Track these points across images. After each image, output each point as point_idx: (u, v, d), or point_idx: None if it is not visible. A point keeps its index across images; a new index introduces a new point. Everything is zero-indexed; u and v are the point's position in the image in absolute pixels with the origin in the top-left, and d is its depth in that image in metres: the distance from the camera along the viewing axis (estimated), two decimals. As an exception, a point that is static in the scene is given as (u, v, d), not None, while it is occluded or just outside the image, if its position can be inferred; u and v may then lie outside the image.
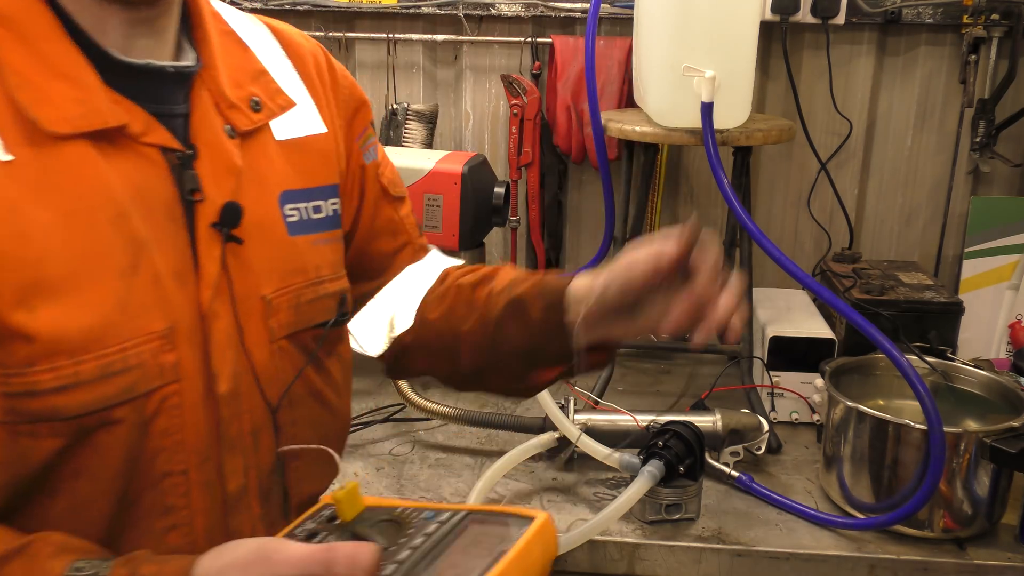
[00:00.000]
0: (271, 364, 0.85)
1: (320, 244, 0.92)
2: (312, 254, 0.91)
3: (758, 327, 1.62)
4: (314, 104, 0.95)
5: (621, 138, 1.56)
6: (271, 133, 0.89)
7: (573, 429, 1.35)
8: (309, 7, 1.90)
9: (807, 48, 1.90)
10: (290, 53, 0.96)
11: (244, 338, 0.83)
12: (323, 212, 0.93)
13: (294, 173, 0.90)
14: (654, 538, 1.24)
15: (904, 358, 1.19)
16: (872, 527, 1.25)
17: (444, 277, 1.08)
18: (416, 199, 1.59)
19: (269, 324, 0.85)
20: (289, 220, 0.89)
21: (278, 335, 0.86)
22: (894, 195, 1.97)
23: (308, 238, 0.91)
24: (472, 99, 1.99)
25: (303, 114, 0.93)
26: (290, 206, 0.89)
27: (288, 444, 0.88)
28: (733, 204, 1.36)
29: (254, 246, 0.84)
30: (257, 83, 0.89)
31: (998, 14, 1.76)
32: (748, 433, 1.40)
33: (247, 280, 0.83)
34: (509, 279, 1.02)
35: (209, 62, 0.85)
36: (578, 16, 1.88)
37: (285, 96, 0.91)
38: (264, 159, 0.88)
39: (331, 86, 0.98)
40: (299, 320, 0.88)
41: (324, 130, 0.95)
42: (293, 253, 0.88)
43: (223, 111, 0.85)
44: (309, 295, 0.89)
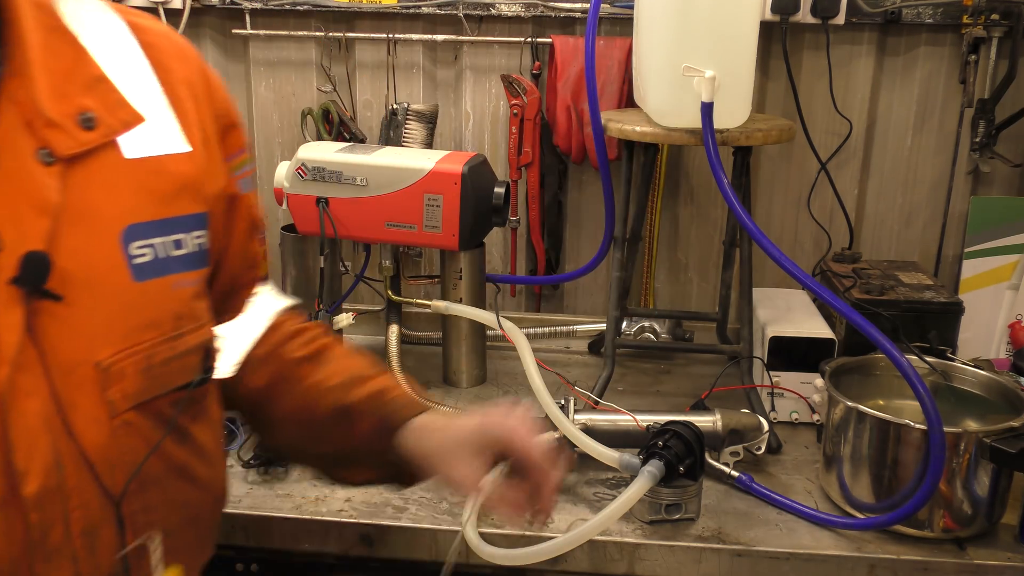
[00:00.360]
0: (112, 445, 0.71)
1: (181, 287, 0.76)
2: (170, 301, 0.75)
3: (758, 327, 1.62)
4: (176, 118, 0.79)
5: (621, 138, 1.56)
6: (117, 152, 0.73)
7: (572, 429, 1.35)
8: (309, 7, 1.90)
9: (807, 48, 1.90)
10: (152, 56, 0.80)
11: (69, 418, 0.68)
12: (185, 247, 0.77)
13: (147, 201, 0.74)
14: (654, 538, 1.24)
15: (904, 358, 1.19)
16: (872, 527, 1.25)
17: (271, 330, 0.96)
18: (416, 199, 1.59)
19: (108, 396, 0.70)
20: (136, 262, 0.73)
21: (122, 408, 0.71)
22: (894, 195, 1.97)
23: (164, 281, 0.75)
24: (472, 99, 1.99)
25: (159, 130, 0.77)
26: (139, 244, 0.73)
27: (140, 536, 0.74)
28: (733, 204, 1.36)
29: (83, 300, 0.69)
30: (92, 93, 0.73)
31: (998, 14, 1.76)
32: (748, 433, 1.40)
33: (71, 345, 0.68)
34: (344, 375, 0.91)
35: (20, 68, 0.69)
36: (578, 16, 1.88)
37: (130, 109, 0.75)
38: (101, 188, 0.72)
39: (205, 98, 0.83)
40: (151, 386, 0.74)
41: (187, 149, 0.79)
42: (142, 303, 0.73)
43: (37, 131, 0.68)
44: (165, 353, 0.74)
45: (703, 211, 2.01)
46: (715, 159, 1.37)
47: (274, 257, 1.84)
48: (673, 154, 1.98)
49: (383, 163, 1.60)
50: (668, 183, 1.99)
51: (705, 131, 1.38)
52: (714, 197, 1.99)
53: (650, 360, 1.89)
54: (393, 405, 0.90)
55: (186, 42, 0.86)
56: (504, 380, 1.77)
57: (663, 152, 1.95)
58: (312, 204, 1.62)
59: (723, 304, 1.78)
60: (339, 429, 0.90)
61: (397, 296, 1.74)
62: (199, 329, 0.79)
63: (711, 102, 1.37)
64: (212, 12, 1.96)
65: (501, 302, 2.03)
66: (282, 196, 1.64)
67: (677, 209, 2.02)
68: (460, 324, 1.71)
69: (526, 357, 1.44)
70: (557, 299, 2.11)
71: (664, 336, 1.88)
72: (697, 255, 2.05)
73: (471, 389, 1.73)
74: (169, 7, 1.91)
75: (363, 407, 0.89)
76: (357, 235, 1.64)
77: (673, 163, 1.99)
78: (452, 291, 1.69)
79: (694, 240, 2.04)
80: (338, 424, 0.89)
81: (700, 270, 2.06)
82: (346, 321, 1.66)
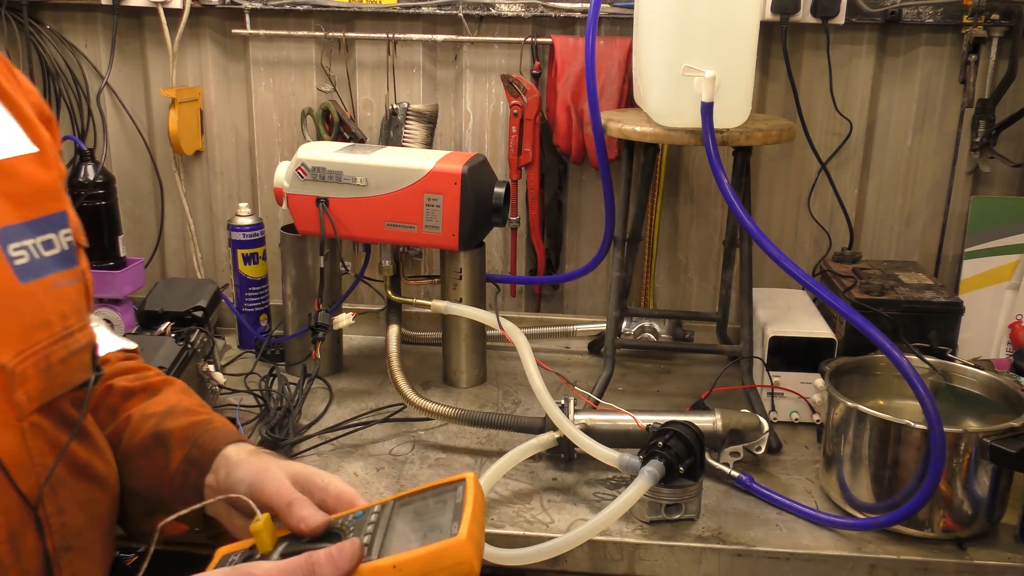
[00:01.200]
0: (23, 449, 0.70)
1: (62, 286, 0.76)
2: (54, 300, 0.75)
3: (758, 327, 1.62)
4: (14, 120, 0.78)
5: (621, 138, 1.56)
6: None
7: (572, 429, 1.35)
8: (309, 7, 1.90)
9: (807, 48, 1.90)
10: None
11: None
12: (56, 247, 0.76)
13: (10, 204, 0.73)
14: (654, 538, 1.24)
15: (904, 358, 1.19)
16: (872, 527, 1.25)
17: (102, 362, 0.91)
18: (416, 199, 1.59)
19: (16, 398, 0.70)
20: (17, 263, 0.72)
21: (29, 409, 0.71)
22: (894, 195, 1.97)
23: (46, 282, 0.74)
24: (472, 99, 1.99)
25: (3, 133, 0.76)
26: (14, 245, 0.72)
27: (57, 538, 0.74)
28: (733, 204, 1.36)
29: None
30: None
31: (998, 14, 1.76)
32: (748, 433, 1.40)
33: None
34: (166, 406, 0.87)
35: None
36: (578, 16, 1.89)
37: None
38: None
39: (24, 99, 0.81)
40: (52, 385, 0.73)
41: (34, 149, 0.78)
42: (31, 304, 0.72)
43: None
44: (60, 352, 0.74)
45: (703, 211, 2.01)
46: (715, 159, 1.37)
47: (274, 257, 1.84)
48: (673, 154, 1.98)
49: (383, 163, 1.60)
50: (668, 183, 1.99)
51: (705, 131, 1.38)
52: (714, 197, 1.99)
53: (650, 360, 1.89)
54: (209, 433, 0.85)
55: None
56: (504, 380, 1.77)
57: (663, 152, 1.95)
58: (312, 204, 1.62)
59: (723, 304, 1.78)
60: (154, 458, 0.84)
61: (397, 296, 1.74)
62: (85, 327, 0.79)
63: (711, 102, 1.37)
64: (212, 12, 1.96)
65: (501, 302, 2.03)
66: (282, 196, 1.64)
67: (677, 209, 2.02)
68: (460, 324, 1.71)
69: (526, 357, 1.44)
70: (557, 299, 2.11)
71: (664, 336, 1.88)
72: (697, 255, 2.05)
73: (471, 389, 1.73)
74: (169, 7, 1.91)
75: (180, 435, 0.84)
76: (357, 235, 1.64)
77: (673, 163, 1.99)
78: (452, 291, 1.69)
79: (694, 240, 2.04)
80: (153, 452, 0.84)
81: (700, 270, 2.06)
82: (346, 321, 1.66)
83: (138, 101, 2.05)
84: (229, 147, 2.07)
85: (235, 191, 2.09)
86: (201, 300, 1.73)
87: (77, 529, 0.77)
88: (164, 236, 2.12)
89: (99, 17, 1.99)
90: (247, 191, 2.09)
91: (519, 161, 1.94)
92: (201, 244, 2.12)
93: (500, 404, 1.66)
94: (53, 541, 0.74)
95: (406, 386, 1.54)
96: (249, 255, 1.84)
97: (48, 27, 1.99)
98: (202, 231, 2.12)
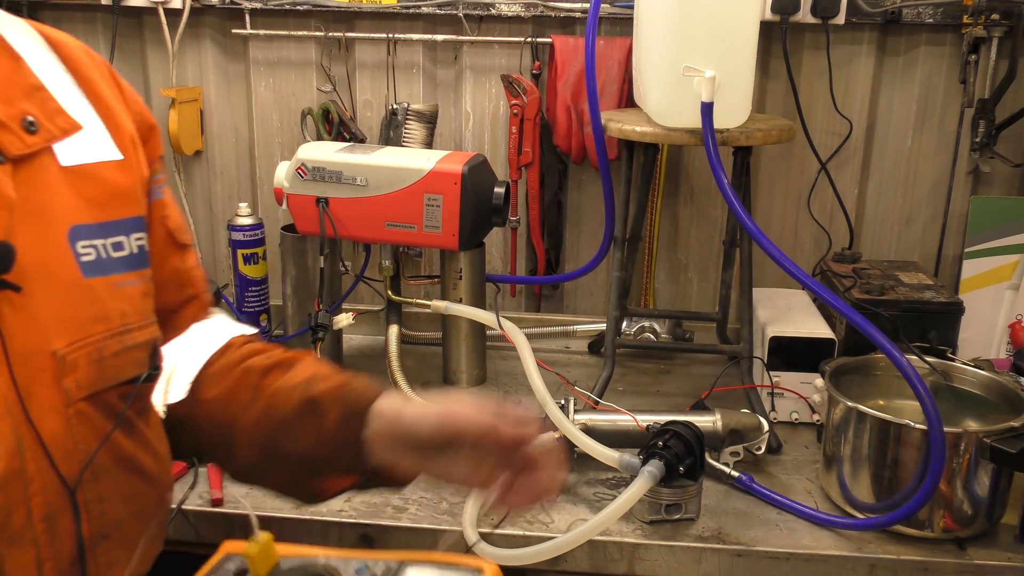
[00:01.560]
0: (67, 434, 0.73)
1: (125, 286, 0.79)
2: (115, 298, 0.78)
3: (758, 327, 1.62)
4: (105, 127, 0.82)
5: (621, 138, 1.56)
6: (54, 159, 0.76)
7: (572, 429, 1.35)
8: (309, 7, 1.90)
9: (807, 48, 1.90)
10: (71, 69, 0.82)
11: (28, 405, 0.70)
12: (126, 249, 0.80)
13: (86, 205, 0.77)
14: (654, 538, 1.24)
15: (904, 358, 1.19)
16: (872, 527, 1.25)
17: (226, 348, 0.95)
18: (416, 199, 1.59)
19: (64, 385, 0.73)
20: (84, 259, 0.76)
21: (76, 397, 0.74)
22: (894, 195, 1.97)
23: (109, 280, 0.78)
24: (472, 99, 1.99)
25: (92, 138, 0.80)
26: (83, 243, 0.76)
27: (95, 525, 0.76)
28: (733, 204, 1.36)
29: (38, 292, 0.72)
30: (32, 100, 0.76)
31: (998, 14, 1.76)
32: (748, 433, 1.40)
33: (29, 334, 0.71)
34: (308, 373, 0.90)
35: None
36: (578, 16, 1.88)
37: (68, 117, 0.78)
38: (45, 189, 0.75)
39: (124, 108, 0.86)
40: (102, 377, 0.76)
41: (119, 156, 0.82)
42: (91, 298, 0.76)
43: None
44: (114, 347, 0.77)
45: (703, 211, 2.01)
46: (715, 159, 1.37)
47: (274, 257, 1.84)
48: (673, 154, 1.98)
49: (383, 163, 1.60)
50: (668, 183, 1.99)
51: (705, 131, 1.38)
52: (714, 197, 1.99)
53: (650, 360, 1.89)
54: (359, 392, 0.87)
55: (93, 53, 0.88)
56: (504, 380, 1.77)
57: (663, 152, 1.95)
58: (312, 204, 1.62)
59: (723, 304, 1.78)
60: (308, 424, 0.87)
61: (397, 296, 1.74)
62: (149, 326, 0.82)
63: (711, 102, 1.37)
64: (212, 12, 1.96)
65: (501, 302, 2.03)
66: (282, 196, 1.64)
67: (677, 209, 2.02)
68: (460, 324, 1.71)
69: (526, 357, 1.44)
70: (557, 299, 2.11)
71: (664, 336, 1.88)
72: (697, 255, 2.05)
73: (471, 389, 1.73)
74: (169, 7, 1.91)
75: (330, 396, 0.87)
76: (357, 235, 1.64)
77: (673, 163, 1.99)
78: (452, 291, 1.69)
79: (694, 240, 2.04)
80: (306, 418, 0.87)
81: (700, 270, 2.06)
82: (346, 321, 1.66)
83: (138, 101, 2.04)
84: (229, 147, 2.07)
85: (235, 191, 2.09)
86: (201, 300, 1.73)
87: (117, 520, 0.79)
88: (164, 236, 2.12)
89: (99, 17, 1.99)
90: (247, 191, 2.09)
91: (519, 161, 1.94)
92: (201, 244, 2.12)
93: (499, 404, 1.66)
94: (90, 527, 0.76)
95: (406, 386, 1.54)
96: (249, 255, 1.84)
97: (48, 27, 1.99)
98: (202, 231, 2.12)
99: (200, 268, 0.97)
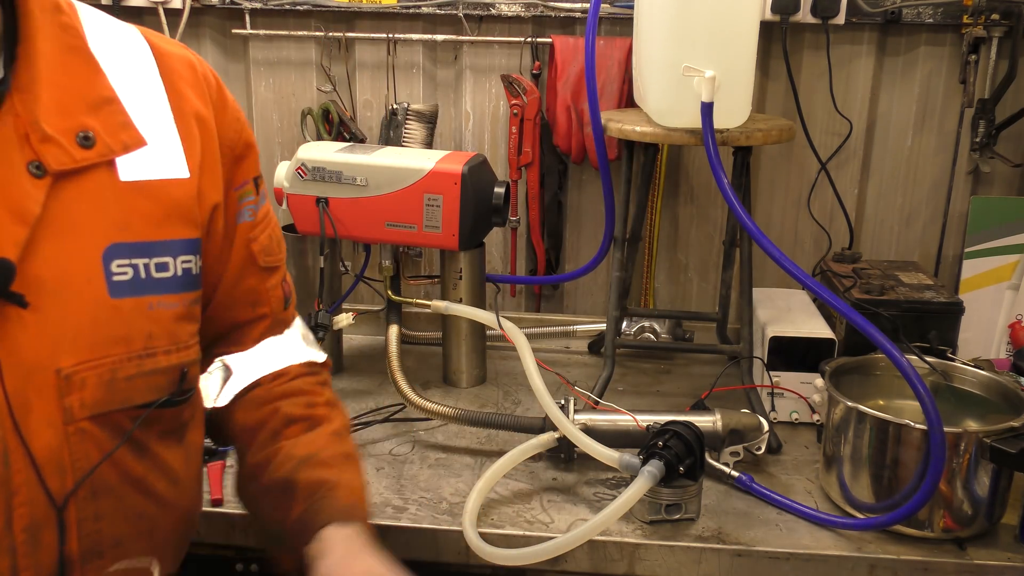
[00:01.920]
0: (63, 450, 0.73)
1: (160, 308, 0.78)
2: (144, 320, 0.77)
3: (758, 327, 1.62)
4: (180, 143, 0.81)
5: (621, 138, 1.56)
6: (114, 173, 0.76)
7: (572, 429, 1.35)
8: (309, 7, 1.90)
9: (807, 48, 1.90)
10: (168, 81, 0.82)
11: (20, 418, 0.70)
12: (171, 271, 0.79)
13: (136, 222, 0.77)
14: (654, 538, 1.24)
15: (904, 358, 1.19)
16: (872, 527, 1.25)
17: (279, 375, 0.96)
18: (416, 199, 1.59)
19: (66, 403, 0.72)
20: (116, 279, 0.75)
21: (79, 416, 0.73)
22: (894, 195, 1.97)
23: (141, 301, 0.77)
24: (472, 99, 1.99)
25: (160, 154, 0.79)
26: (120, 262, 0.75)
27: (87, 542, 0.76)
28: (733, 204, 1.36)
29: (52, 309, 0.71)
30: (97, 113, 0.75)
31: (998, 14, 1.76)
32: (748, 433, 1.40)
33: (33, 350, 0.71)
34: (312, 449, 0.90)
35: (26, 83, 0.72)
36: (578, 16, 1.88)
37: (134, 132, 0.77)
38: (88, 205, 0.74)
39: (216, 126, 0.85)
40: (112, 399, 0.75)
41: (185, 175, 0.81)
42: (113, 319, 0.75)
43: (33, 144, 0.71)
44: (130, 370, 0.76)
45: (703, 211, 2.01)
46: (715, 159, 1.37)
47: (274, 257, 1.84)
48: (673, 154, 1.98)
49: (383, 163, 1.60)
50: (668, 183, 1.99)
51: (705, 131, 1.38)
52: (714, 197, 1.99)
53: (650, 360, 1.89)
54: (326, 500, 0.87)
55: (208, 69, 0.88)
56: (504, 380, 1.77)
57: (663, 152, 1.95)
58: (312, 204, 1.62)
59: (723, 304, 1.78)
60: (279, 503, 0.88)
61: (397, 296, 1.74)
62: (178, 351, 0.81)
63: (711, 102, 1.37)
64: (212, 12, 1.96)
65: (501, 302, 2.03)
66: (282, 196, 1.64)
67: (677, 209, 2.02)
68: (460, 324, 1.71)
69: (526, 357, 1.44)
70: (557, 299, 2.11)
71: (664, 336, 1.88)
72: (697, 255, 2.05)
73: (471, 389, 1.73)
74: (169, 7, 1.91)
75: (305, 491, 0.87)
76: (357, 235, 1.64)
77: (673, 163, 1.99)
78: (452, 291, 1.69)
79: (694, 240, 2.04)
80: (280, 496, 0.88)
81: (700, 270, 2.06)
82: (346, 321, 1.66)
83: (138, 101, 2.04)
84: (229, 147, 2.07)
85: (235, 191, 2.09)
86: (201, 300, 1.73)
87: (117, 538, 0.78)
88: (164, 236, 2.12)
89: (99, 17, 1.99)
90: (247, 191, 2.09)
91: (519, 161, 1.94)
92: (201, 244, 2.12)
93: (500, 404, 1.66)
94: (79, 544, 0.76)
95: (406, 386, 1.54)
96: (249, 255, 1.83)
97: (48, 27, 1.98)
98: (202, 231, 2.12)
99: (283, 287, 0.97)
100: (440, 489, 1.36)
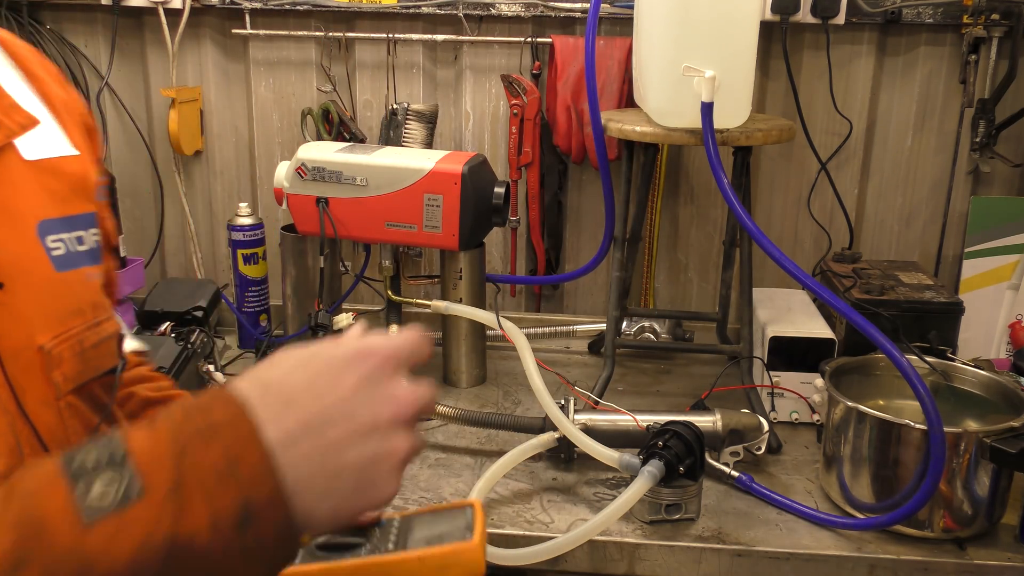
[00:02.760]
0: (60, 427, 0.74)
1: (92, 279, 0.80)
2: (86, 291, 0.79)
3: (758, 327, 1.62)
4: (57, 124, 0.82)
5: (621, 138, 1.56)
6: (17, 153, 0.76)
7: (572, 429, 1.35)
8: (309, 7, 1.90)
9: (807, 48, 1.90)
10: (21, 67, 0.82)
11: (22, 399, 0.71)
12: (86, 244, 0.80)
13: (50, 200, 0.77)
14: (654, 538, 1.24)
15: (904, 358, 1.19)
16: (872, 527, 1.25)
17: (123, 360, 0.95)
18: (416, 199, 1.59)
19: (53, 378, 0.73)
20: (55, 254, 0.76)
21: (64, 390, 0.75)
22: (894, 195, 1.97)
23: (80, 272, 0.78)
24: (472, 99, 1.99)
25: (49, 133, 0.80)
26: (52, 237, 0.76)
27: None
28: (733, 204, 1.36)
29: (19, 288, 0.72)
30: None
31: (998, 14, 1.76)
32: (748, 433, 1.40)
33: (16, 331, 0.71)
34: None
35: None
36: (578, 16, 1.88)
37: (24, 112, 0.77)
38: (10, 186, 0.74)
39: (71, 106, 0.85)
40: (86, 369, 0.77)
41: (76, 152, 0.82)
42: (66, 292, 0.76)
43: None
44: (92, 338, 0.78)
45: (703, 211, 2.01)
46: (715, 159, 1.37)
47: (274, 257, 1.84)
48: (673, 154, 1.98)
49: (383, 163, 1.60)
50: (668, 183, 1.99)
51: (705, 131, 1.38)
52: (714, 197, 1.99)
53: (650, 360, 1.89)
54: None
55: (36, 51, 0.88)
56: (504, 380, 1.77)
57: (663, 152, 1.95)
58: (312, 204, 1.62)
59: (723, 304, 1.78)
60: None
61: (397, 296, 1.74)
62: (110, 320, 0.83)
63: (711, 102, 1.37)
64: (212, 12, 1.96)
65: (501, 302, 2.03)
66: (282, 196, 1.64)
67: (677, 209, 2.02)
68: (460, 324, 1.71)
69: (526, 357, 1.44)
70: (557, 299, 2.11)
71: (664, 336, 1.88)
72: (697, 255, 2.05)
73: (471, 389, 1.73)
74: (169, 7, 1.91)
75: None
76: (357, 235, 1.64)
77: (673, 163, 1.99)
78: (452, 291, 1.69)
79: (694, 240, 2.04)
80: None
81: (700, 270, 2.06)
82: (346, 321, 1.65)
83: (138, 101, 2.05)
84: (229, 147, 2.07)
85: (235, 191, 2.09)
86: (201, 300, 1.73)
87: None
88: (164, 236, 2.12)
89: (99, 17, 1.99)
90: (247, 191, 2.09)
91: (519, 161, 1.94)
92: (201, 244, 2.12)
93: (500, 404, 1.66)
94: None
95: (406, 386, 1.54)
96: (249, 255, 1.84)
97: (48, 27, 1.99)
98: (202, 231, 2.12)
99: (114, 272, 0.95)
100: (440, 489, 1.36)
